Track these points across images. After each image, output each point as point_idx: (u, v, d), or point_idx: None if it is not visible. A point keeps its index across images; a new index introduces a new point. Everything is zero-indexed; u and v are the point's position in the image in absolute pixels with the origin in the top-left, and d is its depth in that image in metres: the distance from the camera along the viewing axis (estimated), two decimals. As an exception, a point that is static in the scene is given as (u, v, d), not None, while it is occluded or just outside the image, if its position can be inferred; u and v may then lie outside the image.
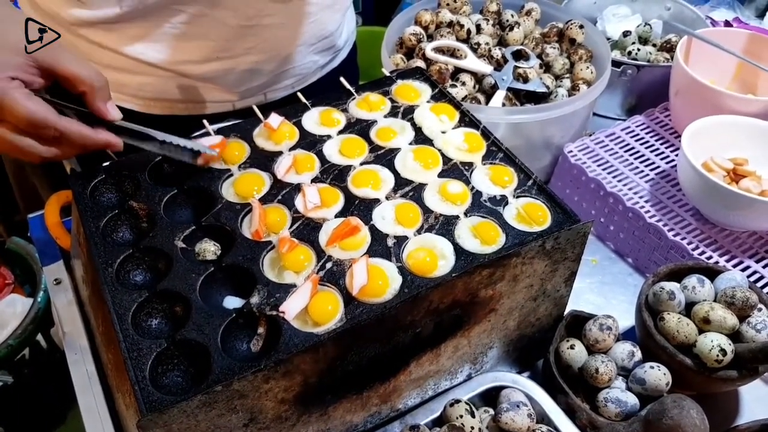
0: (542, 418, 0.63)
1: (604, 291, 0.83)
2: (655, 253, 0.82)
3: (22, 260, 1.20)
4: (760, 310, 0.67)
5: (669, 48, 1.09)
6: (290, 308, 0.53)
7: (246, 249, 0.59)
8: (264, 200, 0.64)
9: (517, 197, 0.65)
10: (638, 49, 1.08)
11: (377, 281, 0.56)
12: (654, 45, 1.13)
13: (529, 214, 0.62)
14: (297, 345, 0.51)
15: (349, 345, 0.53)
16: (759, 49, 0.98)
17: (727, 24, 1.21)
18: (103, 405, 0.64)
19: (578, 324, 0.69)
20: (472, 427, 0.60)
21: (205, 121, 0.72)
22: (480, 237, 0.60)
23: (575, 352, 0.66)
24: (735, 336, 0.65)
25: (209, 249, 0.59)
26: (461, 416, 0.60)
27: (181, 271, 0.57)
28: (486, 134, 0.71)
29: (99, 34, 0.81)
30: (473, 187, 0.66)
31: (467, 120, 0.73)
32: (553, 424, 0.62)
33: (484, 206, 0.64)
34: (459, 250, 0.59)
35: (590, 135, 0.94)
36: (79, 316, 0.73)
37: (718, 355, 0.62)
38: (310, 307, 0.54)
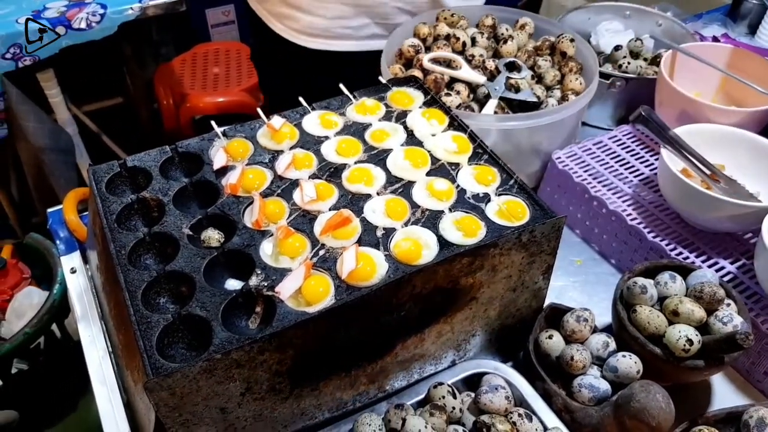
0: (520, 401, 0.68)
1: (587, 290, 0.87)
2: (635, 253, 0.86)
3: (40, 256, 1.26)
4: (728, 305, 0.71)
5: (659, 62, 1.14)
6: (285, 289, 0.58)
7: (247, 236, 0.64)
8: (265, 194, 0.69)
9: (499, 195, 0.69)
10: (629, 63, 1.13)
11: (366, 267, 0.61)
12: (645, 59, 1.18)
13: (510, 211, 0.67)
14: (290, 322, 0.56)
15: (337, 323, 0.58)
16: (743, 63, 1.03)
17: (715, 39, 1.25)
18: (114, 383, 0.70)
19: (557, 316, 0.73)
20: (453, 407, 0.64)
21: (213, 122, 0.78)
22: (462, 230, 0.65)
23: (553, 341, 0.71)
24: (704, 328, 0.69)
25: (213, 236, 0.65)
26: (443, 397, 0.65)
27: (188, 255, 0.62)
28: (473, 137, 0.76)
29: None
30: (458, 185, 0.71)
31: (456, 125, 0.78)
32: (530, 408, 0.67)
33: (467, 202, 0.69)
34: (442, 242, 0.64)
35: (578, 143, 0.99)
36: (94, 302, 0.79)
37: (685, 345, 0.66)
38: (303, 289, 0.59)
